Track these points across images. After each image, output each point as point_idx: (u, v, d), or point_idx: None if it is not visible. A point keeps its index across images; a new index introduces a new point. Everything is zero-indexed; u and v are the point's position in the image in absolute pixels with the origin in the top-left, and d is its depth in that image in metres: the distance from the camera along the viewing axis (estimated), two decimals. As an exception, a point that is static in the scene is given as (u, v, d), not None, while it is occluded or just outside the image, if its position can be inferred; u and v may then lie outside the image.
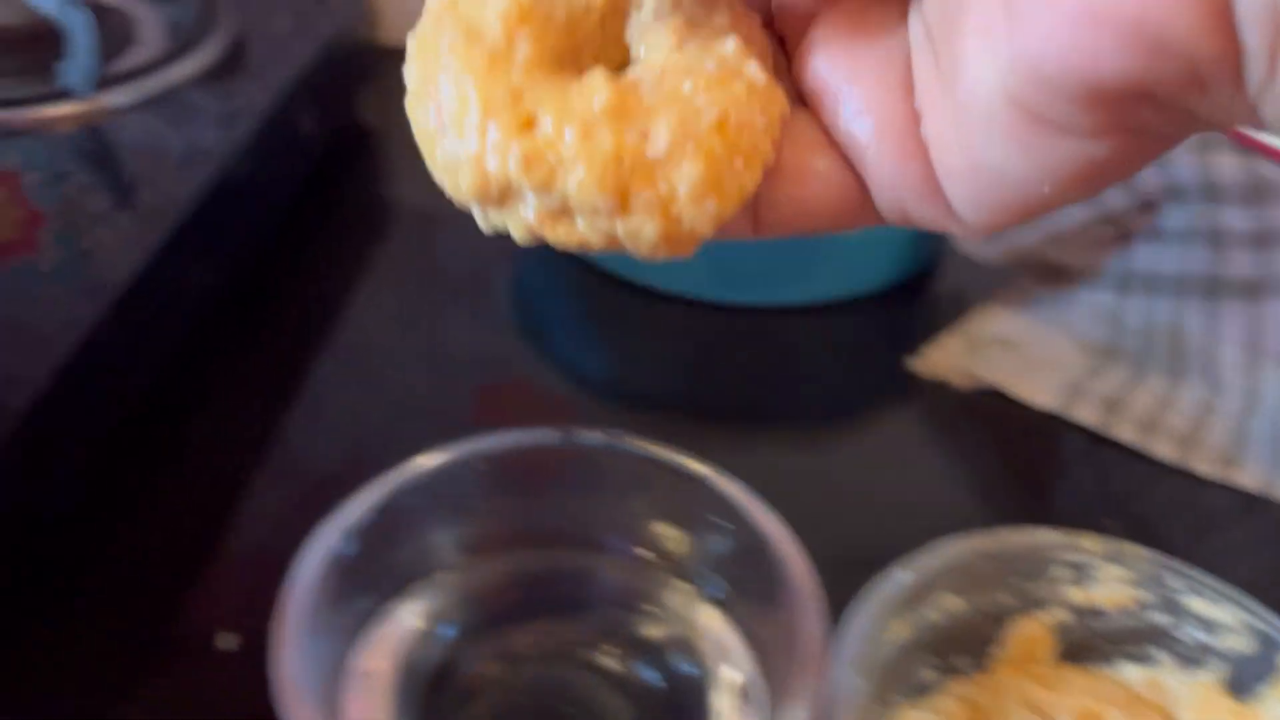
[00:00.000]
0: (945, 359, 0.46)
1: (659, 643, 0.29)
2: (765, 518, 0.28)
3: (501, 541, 0.30)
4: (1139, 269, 0.45)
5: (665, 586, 0.29)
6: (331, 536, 0.27)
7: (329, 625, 0.27)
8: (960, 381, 0.46)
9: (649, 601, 0.29)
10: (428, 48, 0.18)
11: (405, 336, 0.48)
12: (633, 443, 0.30)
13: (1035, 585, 0.30)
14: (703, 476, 0.29)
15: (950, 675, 0.30)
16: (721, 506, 0.29)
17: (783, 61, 0.19)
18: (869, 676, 0.27)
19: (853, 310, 0.51)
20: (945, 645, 0.30)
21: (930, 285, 0.53)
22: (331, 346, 0.46)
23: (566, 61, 0.18)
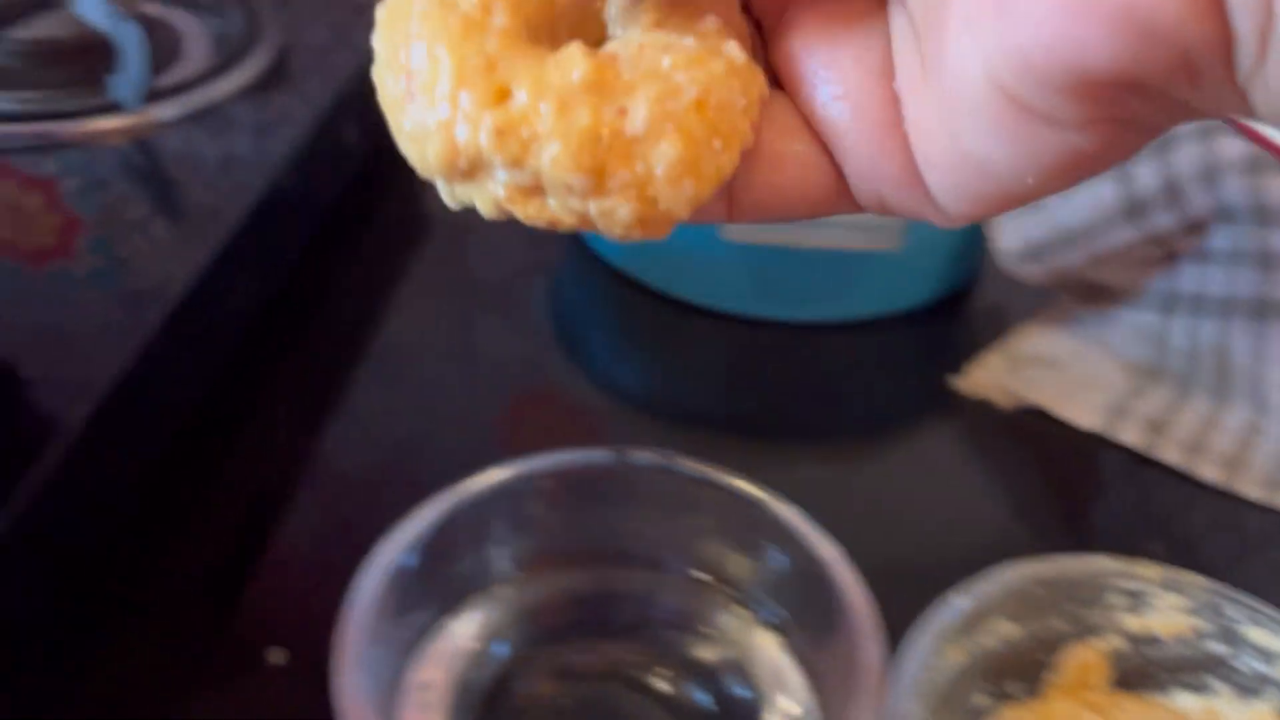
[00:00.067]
0: (987, 378, 0.46)
1: (712, 666, 0.29)
2: (822, 543, 0.28)
3: (557, 559, 0.30)
4: (1185, 289, 0.45)
5: (721, 609, 0.29)
6: (394, 550, 0.27)
7: (388, 638, 0.27)
8: (1002, 400, 0.45)
9: (704, 624, 0.29)
10: (399, 14, 0.17)
11: (442, 347, 0.48)
12: (686, 463, 0.30)
13: (1091, 612, 0.30)
14: (759, 500, 0.29)
15: (1003, 701, 0.30)
16: (778, 530, 0.29)
17: (759, 45, 0.19)
18: (925, 704, 0.27)
19: (890, 327, 0.51)
20: (999, 671, 0.30)
21: (969, 302, 0.53)
22: (369, 357, 0.47)
23: (542, 35, 0.17)
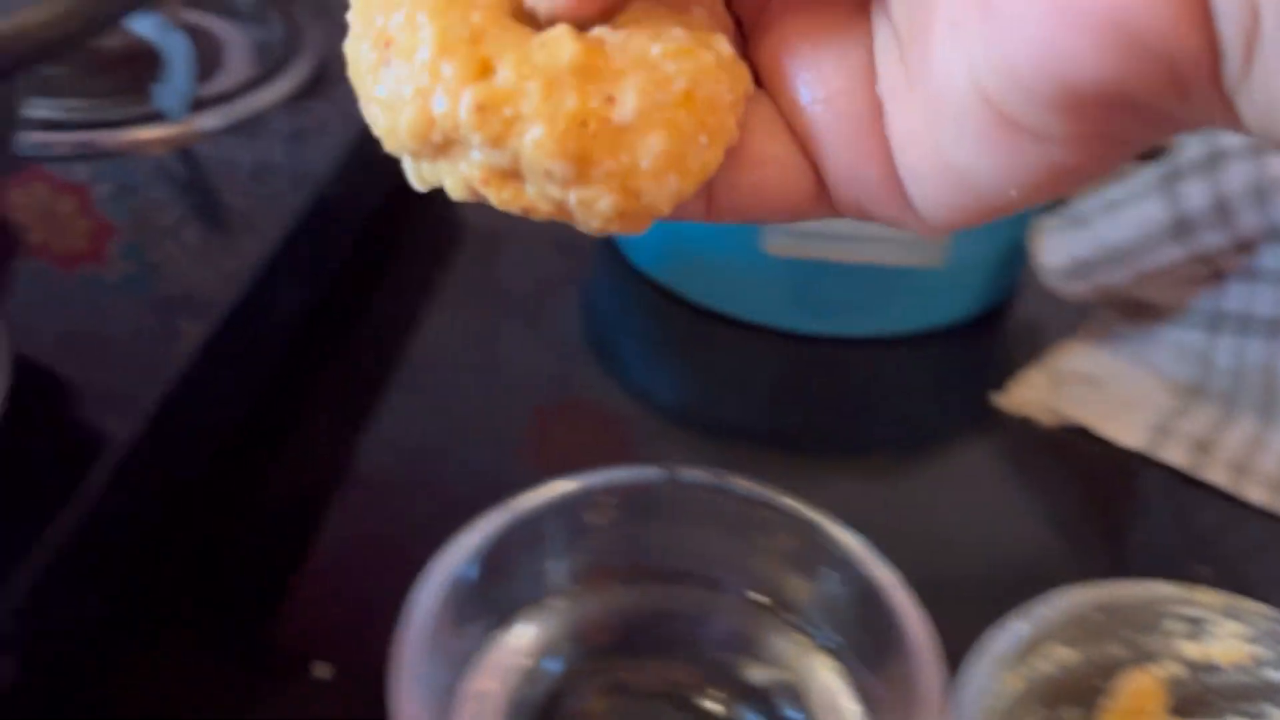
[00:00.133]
0: (1029, 395, 0.46)
1: (766, 689, 0.29)
2: (878, 566, 0.28)
3: (611, 575, 0.30)
4: (1231, 308, 0.44)
5: (776, 632, 0.29)
6: (453, 561, 0.27)
7: (445, 649, 0.27)
8: (1045, 418, 0.45)
9: (758, 646, 0.29)
10: None
11: (475, 358, 0.48)
12: (739, 482, 0.30)
13: (1148, 638, 0.30)
14: (814, 521, 0.29)
15: (1058, 727, 0.30)
16: (833, 553, 0.29)
17: (739, 41, 0.18)
18: (984, 730, 0.27)
19: (927, 341, 0.50)
20: (1055, 696, 0.30)
21: (1007, 316, 0.52)
22: (404, 368, 0.46)
23: (524, 17, 0.16)
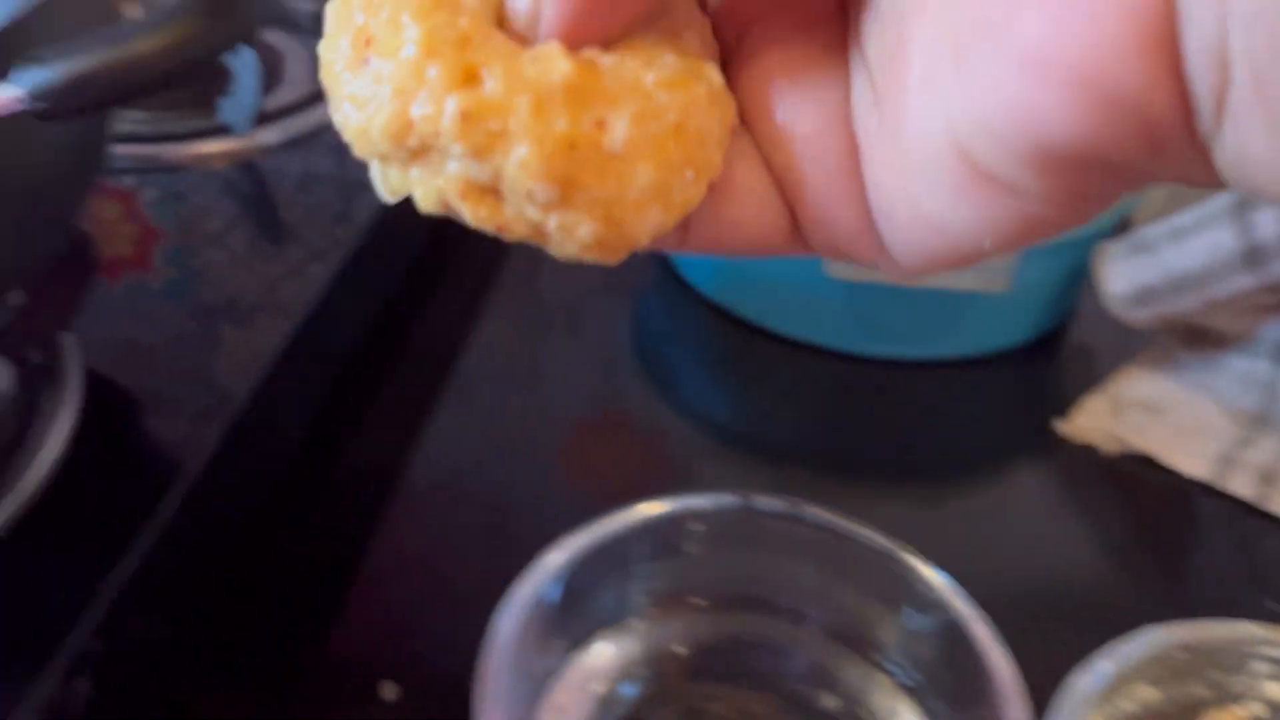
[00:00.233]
0: (1091, 422, 0.45)
1: (843, 723, 0.29)
2: (959, 601, 0.27)
3: (691, 601, 0.30)
4: (1300, 338, 0.44)
5: (854, 667, 0.29)
6: (538, 583, 0.27)
7: (527, 669, 0.27)
8: (1107, 445, 0.45)
9: (837, 680, 0.29)
10: None
11: (525, 373, 0.48)
12: (816, 511, 0.30)
13: (1233, 679, 0.29)
14: (893, 553, 0.29)
15: (1139, 766, 0.30)
16: (914, 587, 0.28)
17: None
18: (1068, 770, 0.26)
19: (985, 365, 0.50)
20: (1137, 736, 0.29)
21: (1063, 341, 0.52)
22: (455, 382, 0.46)
23: (507, 29, 0.16)
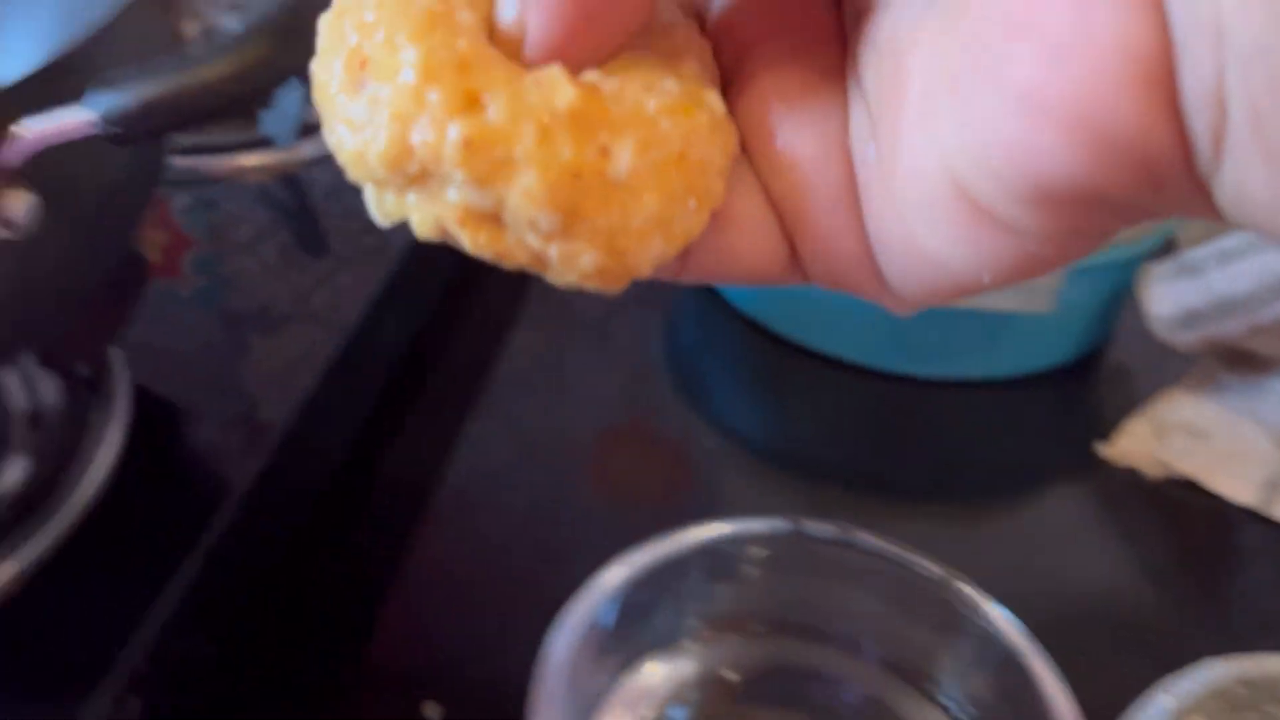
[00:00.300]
0: (1133, 445, 0.45)
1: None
2: (1020, 636, 0.27)
3: (743, 625, 0.30)
4: (1349, 364, 0.43)
5: (908, 698, 0.28)
6: (592, 604, 0.27)
7: (579, 690, 0.27)
8: (1151, 470, 0.44)
9: (889, 713, 0.28)
10: (351, 5, 0.15)
11: (556, 386, 0.48)
12: (867, 537, 0.30)
13: (1294, 714, 0.29)
14: (947, 581, 0.28)
15: (1195, 801, 0.29)
16: (969, 617, 0.28)
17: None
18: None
19: (1022, 385, 0.49)
20: (1194, 770, 0.29)
21: (1102, 361, 0.51)
22: (485, 400, 0.46)
23: (500, 43, 0.15)
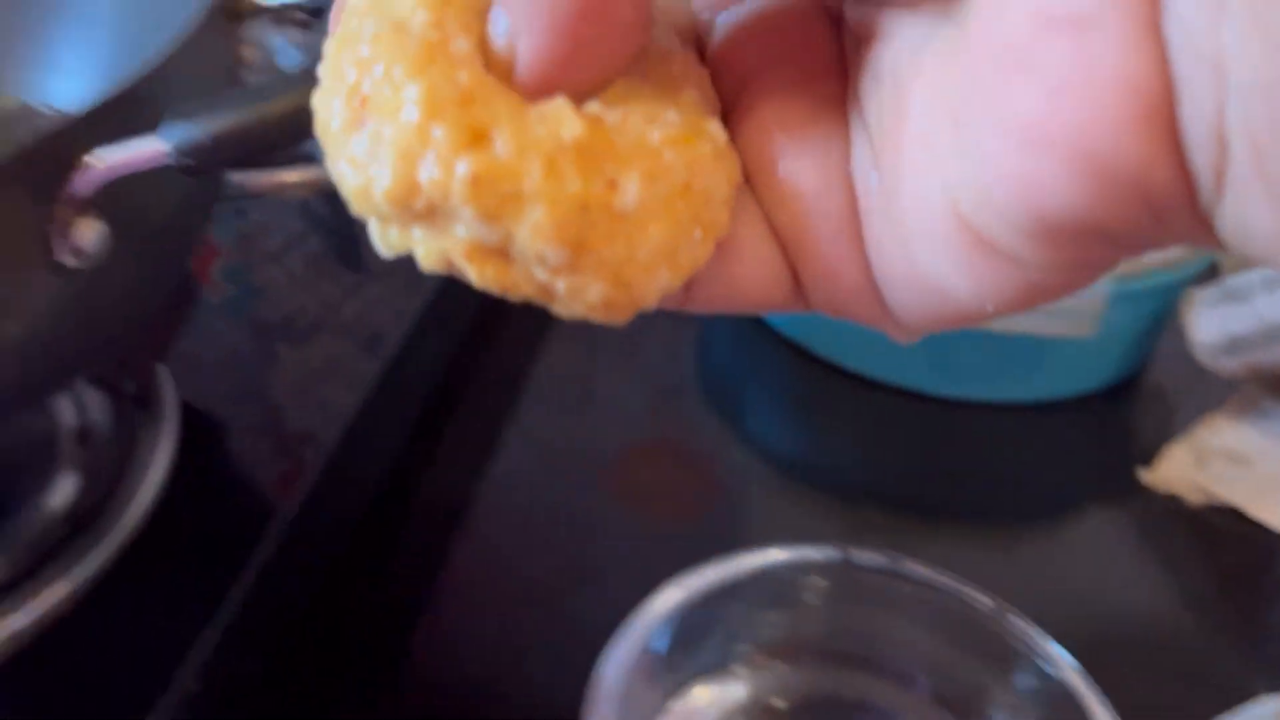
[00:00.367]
0: (1175, 472, 0.44)
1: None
2: (1073, 671, 0.27)
3: (793, 653, 0.29)
4: (1396, 393, 0.43)
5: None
6: (645, 629, 0.27)
7: (631, 714, 0.26)
8: (1192, 497, 0.44)
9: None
10: (348, 40, 0.15)
11: (585, 405, 0.48)
12: (916, 567, 0.29)
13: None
14: (999, 614, 0.28)
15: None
16: (1021, 650, 0.28)
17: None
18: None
19: (1061, 409, 0.49)
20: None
21: (1141, 385, 0.51)
22: (517, 418, 0.46)
23: (495, 69, 0.15)
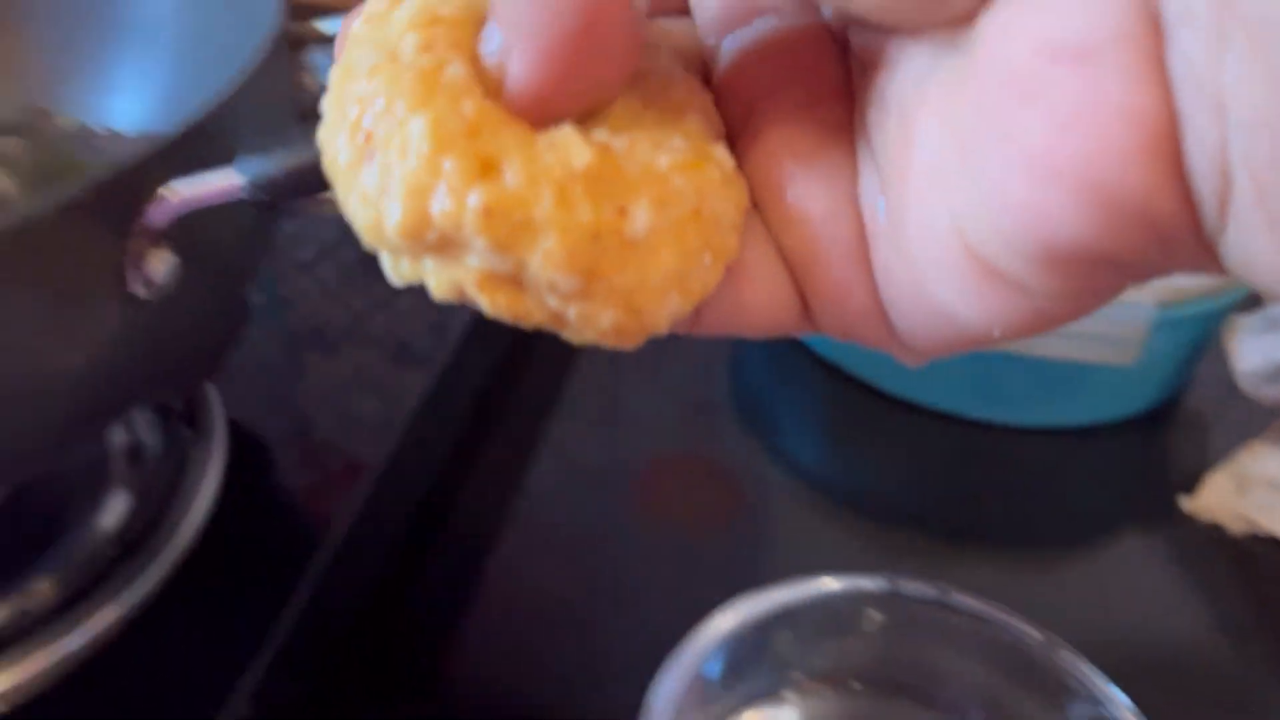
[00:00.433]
0: (1216, 500, 0.44)
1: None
2: (1129, 712, 0.26)
3: (841, 682, 0.29)
4: None
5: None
6: (697, 655, 0.27)
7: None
8: (1233, 525, 0.43)
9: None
10: (348, 73, 0.15)
11: (617, 422, 0.48)
12: (964, 599, 0.29)
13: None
14: (1056, 649, 0.28)
15: None
16: (1071, 684, 0.27)
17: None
18: None
19: (1099, 434, 0.49)
20: None
21: (1179, 411, 0.51)
22: (549, 436, 0.46)
23: (492, 92, 0.15)
